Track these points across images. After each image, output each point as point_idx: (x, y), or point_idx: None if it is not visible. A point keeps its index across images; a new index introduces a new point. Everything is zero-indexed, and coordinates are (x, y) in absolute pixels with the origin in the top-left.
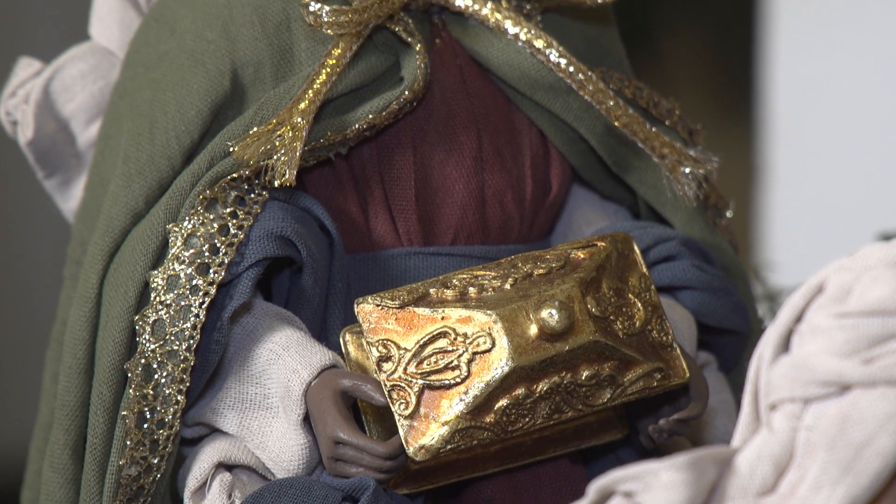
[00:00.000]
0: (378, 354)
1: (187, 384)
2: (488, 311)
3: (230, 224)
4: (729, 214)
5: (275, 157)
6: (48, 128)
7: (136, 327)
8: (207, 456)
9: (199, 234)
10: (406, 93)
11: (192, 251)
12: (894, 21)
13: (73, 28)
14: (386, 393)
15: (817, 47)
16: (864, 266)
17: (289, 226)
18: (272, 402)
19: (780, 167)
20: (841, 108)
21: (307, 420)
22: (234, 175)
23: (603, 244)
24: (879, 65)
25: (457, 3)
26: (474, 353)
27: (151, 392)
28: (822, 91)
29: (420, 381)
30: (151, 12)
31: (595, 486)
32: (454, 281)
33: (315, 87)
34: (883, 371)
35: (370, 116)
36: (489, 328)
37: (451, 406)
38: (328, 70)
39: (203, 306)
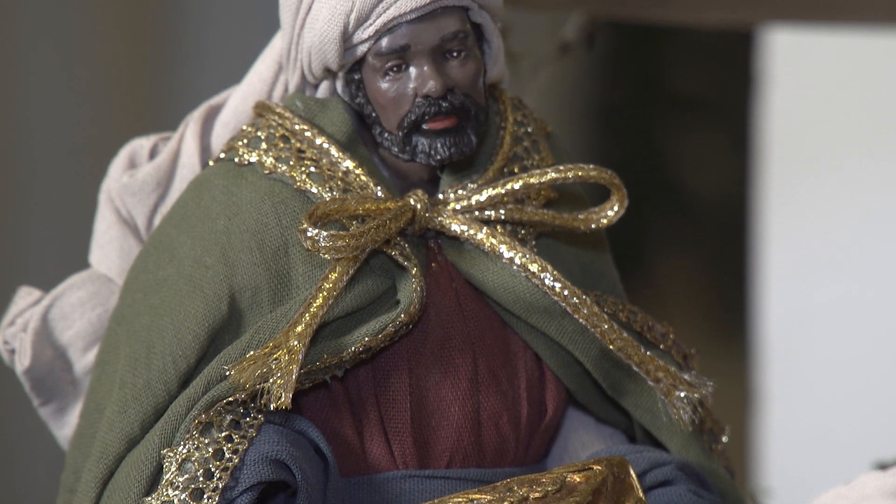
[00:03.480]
0: None
1: None
2: None
3: (225, 448)
4: (725, 439)
5: (271, 381)
6: (45, 355)
7: None
8: None
9: (193, 458)
10: (402, 316)
11: (186, 476)
12: (887, 250)
13: (72, 256)
14: None
15: (810, 274)
16: (862, 495)
17: (284, 449)
18: None
19: (775, 393)
20: (835, 335)
21: None
22: (230, 398)
23: (599, 468)
24: (872, 292)
25: (452, 228)
26: None
27: None
28: (816, 317)
29: None
30: (151, 240)
31: None
32: None
33: (312, 310)
34: None
35: (366, 339)
36: None
37: None
38: (325, 294)
39: None
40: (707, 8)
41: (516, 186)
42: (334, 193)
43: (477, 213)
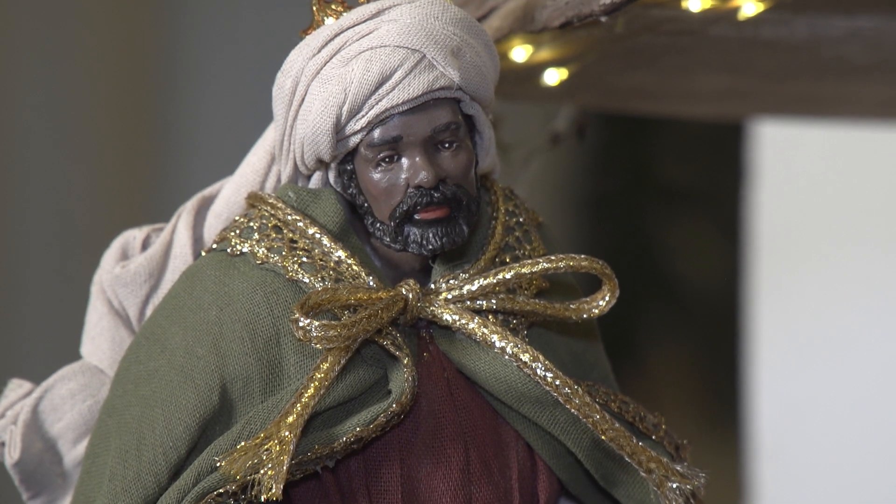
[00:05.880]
0: None
1: None
2: None
3: None
4: None
5: (262, 472)
6: (35, 448)
7: None
8: None
9: None
10: (394, 406)
11: None
12: (878, 342)
13: (64, 347)
14: None
15: (801, 364)
16: None
17: None
18: None
19: (767, 484)
20: (827, 426)
21: None
22: (221, 490)
23: None
24: (864, 384)
25: (444, 318)
26: None
27: None
28: (808, 409)
29: None
30: (143, 330)
31: None
32: None
33: (303, 400)
34: None
35: (357, 429)
36: None
37: None
38: (316, 384)
39: None
40: (697, 101)
41: (508, 276)
42: (326, 283)
43: (468, 302)
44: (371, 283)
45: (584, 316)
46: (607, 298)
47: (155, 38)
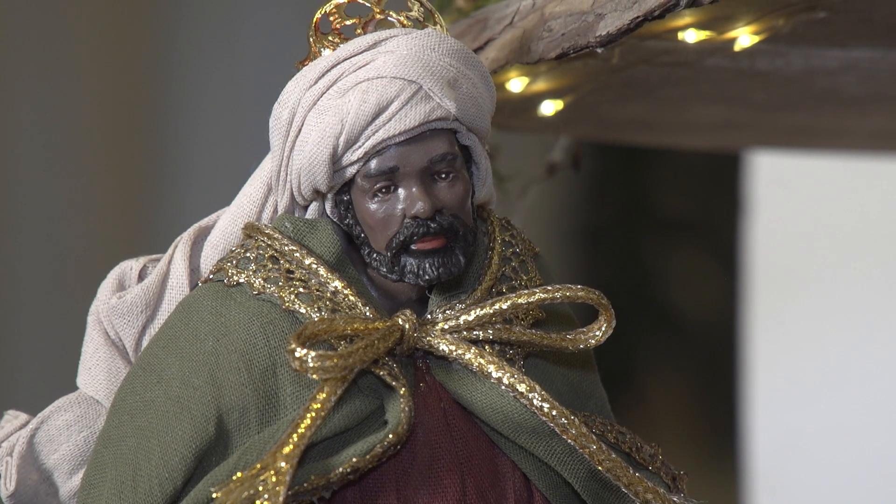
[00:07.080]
0: None
1: None
2: None
3: None
4: None
5: (258, 503)
6: (31, 479)
7: None
8: None
9: None
10: (390, 436)
11: None
12: (875, 373)
13: (60, 378)
14: None
15: (798, 395)
16: None
17: None
18: None
19: None
20: (824, 457)
21: None
22: None
23: None
24: (860, 415)
25: (441, 348)
26: None
27: None
28: (805, 439)
29: None
30: (139, 361)
31: None
32: None
33: (300, 431)
34: None
35: (354, 460)
36: None
37: None
38: (313, 414)
39: None
40: (692, 132)
41: (504, 306)
42: (323, 314)
43: (465, 332)
44: (368, 314)
45: (581, 346)
46: (604, 328)
47: (153, 67)
